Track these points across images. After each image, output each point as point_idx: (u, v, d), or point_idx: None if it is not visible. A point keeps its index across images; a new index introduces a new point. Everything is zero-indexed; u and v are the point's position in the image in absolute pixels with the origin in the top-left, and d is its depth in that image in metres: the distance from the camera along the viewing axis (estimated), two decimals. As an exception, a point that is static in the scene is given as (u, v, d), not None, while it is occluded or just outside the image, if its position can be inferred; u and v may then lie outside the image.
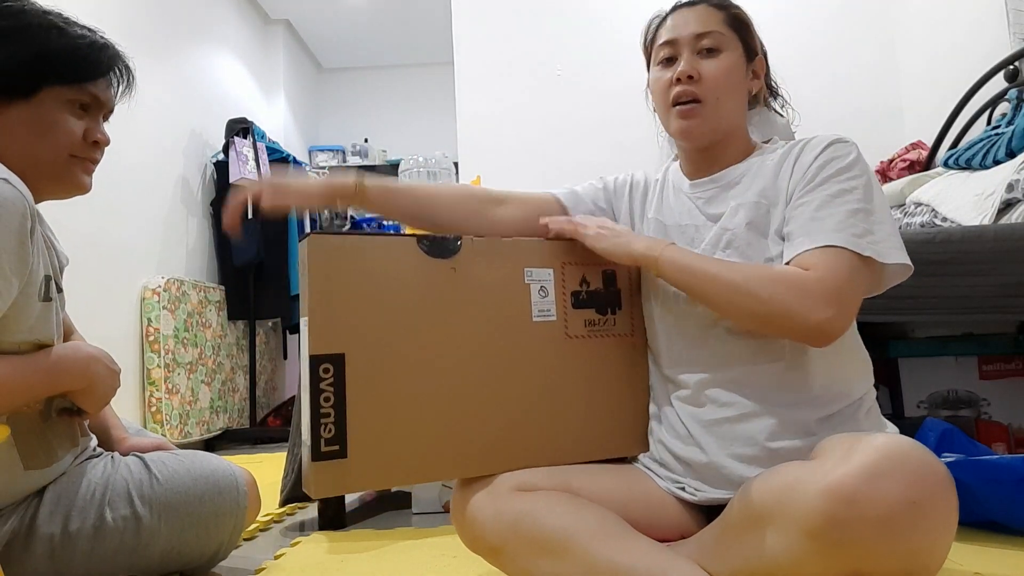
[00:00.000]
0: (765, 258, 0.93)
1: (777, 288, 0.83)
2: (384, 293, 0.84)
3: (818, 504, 0.66)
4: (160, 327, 2.95)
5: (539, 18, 3.24)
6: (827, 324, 0.81)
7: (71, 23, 1.06)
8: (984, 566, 1.09)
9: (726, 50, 0.99)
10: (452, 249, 0.90)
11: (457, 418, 0.88)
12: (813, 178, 0.91)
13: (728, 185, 1.00)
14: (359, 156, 5.38)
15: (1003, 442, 1.63)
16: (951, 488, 0.66)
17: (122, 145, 2.85)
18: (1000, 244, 1.40)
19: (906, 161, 2.63)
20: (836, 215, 0.86)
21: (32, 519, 1.04)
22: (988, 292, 1.39)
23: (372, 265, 0.84)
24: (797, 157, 0.95)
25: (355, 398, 0.81)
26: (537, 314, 0.95)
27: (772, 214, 0.94)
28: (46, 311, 1.01)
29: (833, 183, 0.89)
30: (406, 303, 0.86)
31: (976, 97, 2.34)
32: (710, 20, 0.99)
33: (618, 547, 0.82)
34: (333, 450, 0.79)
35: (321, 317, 0.81)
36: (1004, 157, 1.86)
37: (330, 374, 0.80)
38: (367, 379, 0.82)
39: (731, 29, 1.00)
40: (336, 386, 0.80)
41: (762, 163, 0.99)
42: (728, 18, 1.01)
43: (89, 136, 1.07)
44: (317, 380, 0.79)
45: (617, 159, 2.99)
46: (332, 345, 0.81)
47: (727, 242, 0.95)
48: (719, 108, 0.98)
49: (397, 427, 0.84)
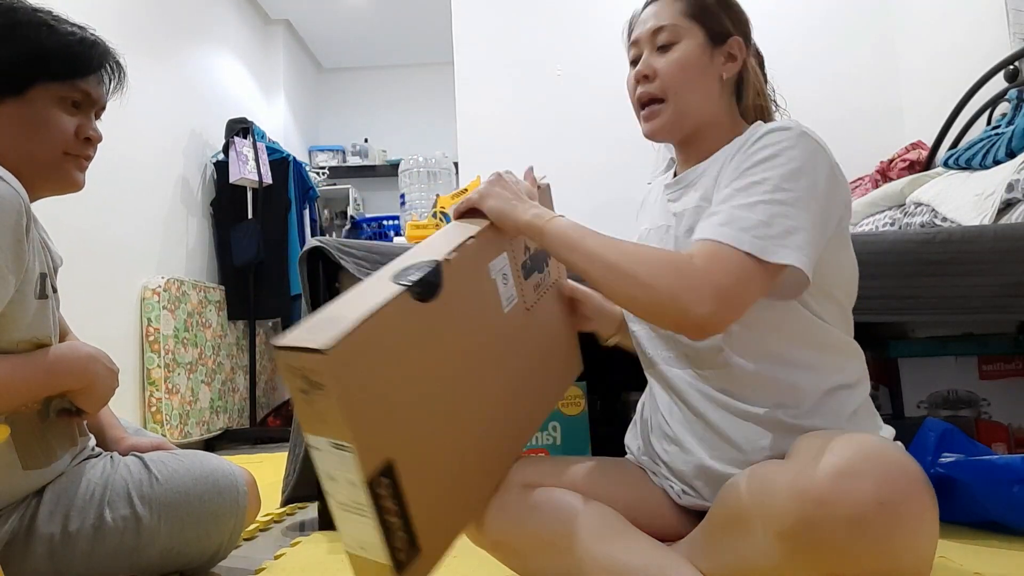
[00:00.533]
0: None
1: (662, 272, 0.76)
2: (402, 368, 0.73)
3: (789, 506, 0.65)
4: (160, 327, 2.95)
5: (539, 18, 3.24)
6: (707, 320, 0.75)
7: (61, 20, 1.06)
8: (984, 566, 1.09)
9: (682, 40, 0.96)
10: (437, 282, 0.78)
11: (486, 445, 0.85)
12: (735, 170, 0.86)
13: (690, 185, 0.97)
14: (359, 156, 5.38)
15: (1003, 442, 1.63)
16: (926, 488, 0.64)
17: (122, 145, 2.85)
18: (1000, 244, 1.40)
19: (906, 161, 2.63)
20: (734, 207, 0.81)
21: (32, 519, 1.04)
22: (988, 292, 1.39)
23: (383, 346, 0.70)
24: (739, 149, 0.89)
25: (414, 495, 0.71)
26: (506, 304, 0.89)
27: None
28: (43, 309, 1.01)
29: (747, 175, 0.83)
30: (422, 364, 0.75)
31: (976, 97, 2.34)
32: (666, 13, 0.97)
33: (620, 545, 0.82)
34: (410, 555, 0.72)
35: (360, 434, 0.67)
36: (1004, 157, 1.86)
37: (388, 487, 0.69)
38: (417, 467, 0.72)
39: (689, 18, 0.97)
40: (396, 495, 0.70)
41: (716, 159, 0.95)
42: (687, 7, 0.97)
43: (81, 133, 1.07)
44: (377, 499, 0.68)
45: (617, 159, 3.00)
46: (380, 456, 0.69)
47: (676, 249, 0.92)
48: (680, 103, 0.95)
49: (448, 489, 0.78)
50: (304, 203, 4.02)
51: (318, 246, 1.52)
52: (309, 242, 1.56)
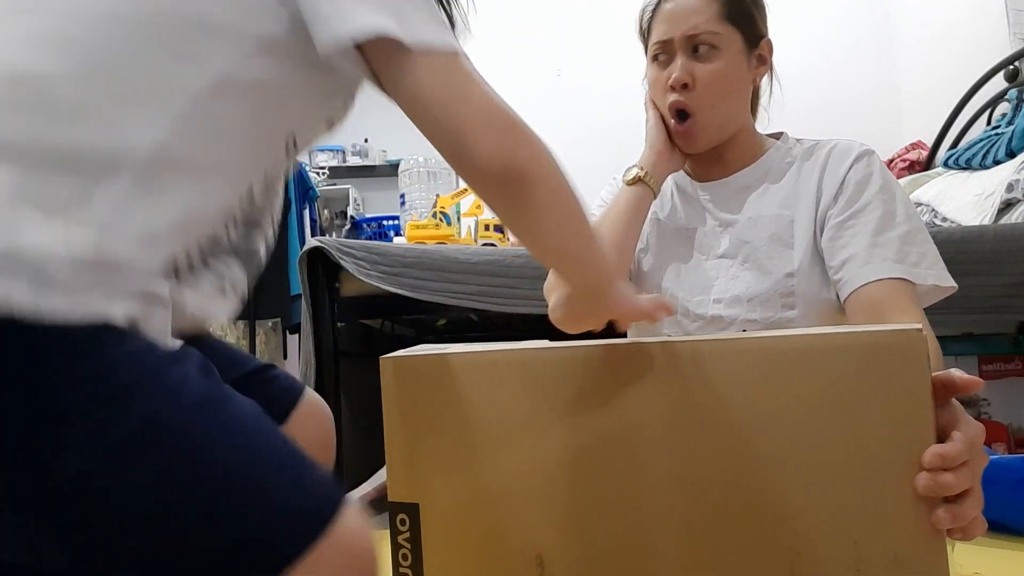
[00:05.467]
0: (785, 273, 0.92)
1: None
2: (471, 421, 0.66)
3: None
4: (160, 327, 2.95)
5: (539, 18, 3.24)
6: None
7: None
8: (984, 566, 1.09)
9: (723, 48, 0.93)
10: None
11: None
12: (853, 196, 0.90)
13: (742, 188, 0.98)
14: (359, 156, 5.37)
15: (1003, 442, 1.63)
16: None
17: (122, 145, 2.84)
18: (1000, 244, 1.40)
19: (906, 161, 2.63)
20: (891, 241, 0.87)
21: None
22: (988, 292, 1.39)
23: (459, 389, 0.65)
24: (824, 167, 0.93)
25: (431, 553, 0.66)
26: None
27: (796, 224, 0.92)
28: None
29: (880, 205, 0.89)
30: (497, 424, 0.66)
31: (976, 97, 2.34)
32: (704, 16, 0.93)
33: None
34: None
35: (399, 459, 0.66)
36: (1004, 157, 1.86)
37: (406, 526, 0.67)
38: (444, 527, 0.67)
39: (728, 23, 0.94)
40: (413, 540, 0.67)
41: (779, 167, 0.96)
42: (724, 10, 0.94)
43: None
44: (395, 531, 0.67)
45: (617, 159, 2.98)
46: (410, 493, 0.66)
47: (746, 256, 0.93)
48: (716, 115, 0.95)
49: (472, 564, 0.69)
50: (304, 203, 4.01)
51: (318, 246, 1.52)
52: (309, 242, 1.56)
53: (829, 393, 0.55)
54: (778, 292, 0.93)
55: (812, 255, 0.93)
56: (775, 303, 0.93)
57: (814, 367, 0.56)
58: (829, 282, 0.92)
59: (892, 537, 0.55)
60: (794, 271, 0.91)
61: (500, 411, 0.65)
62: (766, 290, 0.93)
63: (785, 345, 0.58)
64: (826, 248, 0.91)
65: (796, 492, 0.55)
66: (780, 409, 0.56)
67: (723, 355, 0.58)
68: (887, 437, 0.54)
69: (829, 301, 0.93)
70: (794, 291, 0.93)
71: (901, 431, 0.53)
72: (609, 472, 0.61)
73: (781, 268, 0.92)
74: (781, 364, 0.57)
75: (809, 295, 0.93)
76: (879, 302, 0.84)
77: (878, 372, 0.54)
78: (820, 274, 0.93)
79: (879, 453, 0.54)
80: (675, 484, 0.59)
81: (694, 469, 0.58)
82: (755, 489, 0.56)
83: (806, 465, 0.55)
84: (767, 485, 0.56)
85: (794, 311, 0.92)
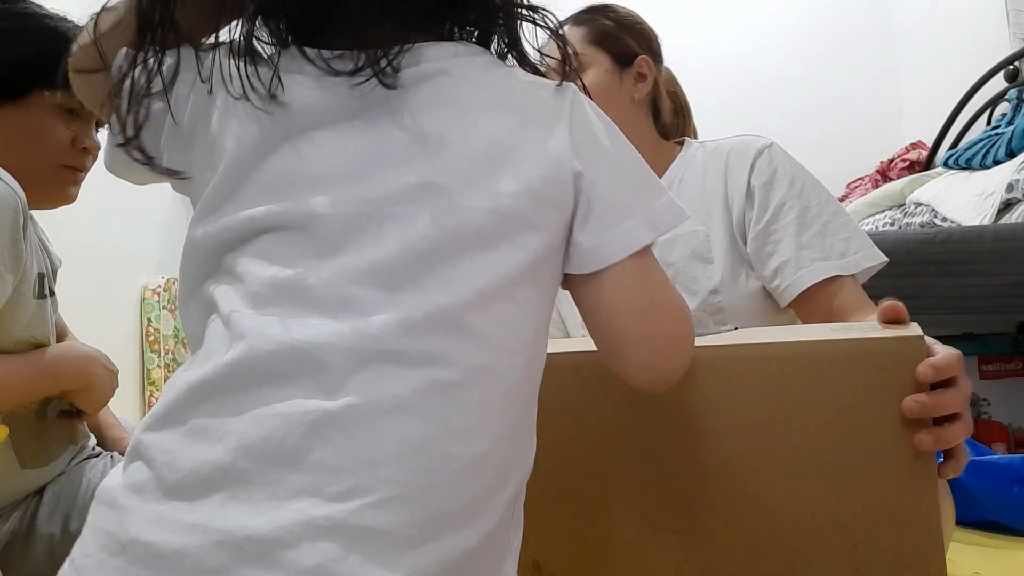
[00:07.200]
0: (709, 290, 0.91)
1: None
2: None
3: None
4: (160, 327, 2.95)
5: (539, 18, 3.24)
6: None
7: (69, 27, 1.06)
8: (984, 566, 1.09)
9: (588, 69, 0.96)
10: None
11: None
12: (764, 201, 0.90)
13: None
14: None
15: (1003, 442, 1.63)
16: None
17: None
18: (1000, 244, 1.40)
19: (906, 161, 2.63)
20: (815, 239, 0.87)
21: (32, 519, 1.04)
22: (988, 292, 1.39)
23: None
24: (726, 172, 0.93)
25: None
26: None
27: (712, 239, 0.92)
28: (41, 309, 1.01)
29: (794, 202, 0.89)
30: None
31: (976, 97, 2.34)
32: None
33: None
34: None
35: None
36: (1004, 157, 1.86)
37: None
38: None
39: (592, 45, 0.98)
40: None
41: (687, 177, 0.96)
42: (588, 34, 0.98)
43: (78, 143, 1.05)
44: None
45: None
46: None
47: (670, 278, 0.93)
48: None
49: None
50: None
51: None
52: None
53: (830, 397, 0.55)
54: (707, 311, 0.93)
55: (733, 267, 0.93)
56: (706, 322, 0.93)
57: (815, 371, 0.56)
58: (757, 290, 0.93)
59: (892, 539, 0.55)
60: (718, 286, 0.91)
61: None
62: (694, 310, 0.93)
63: (786, 350, 0.58)
64: (754, 258, 0.92)
65: (797, 494, 0.56)
66: (781, 412, 0.56)
67: (722, 360, 0.58)
68: (887, 440, 0.54)
69: (762, 309, 0.94)
70: (722, 307, 0.93)
71: (901, 434, 0.53)
72: (606, 478, 0.61)
73: (705, 285, 0.92)
74: (782, 369, 0.57)
75: (737, 307, 0.93)
76: (825, 305, 0.85)
77: (878, 376, 0.54)
78: (744, 283, 0.93)
79: (879, 456, 0.54)
80: (675, 488, 0.59)
81: (695, 473, 0.58)
82: (756, 492, 0.57)
83: (807, 468, 0.56)
84: (768, 488, 0.56)
85: (727, 326, 0.92)
